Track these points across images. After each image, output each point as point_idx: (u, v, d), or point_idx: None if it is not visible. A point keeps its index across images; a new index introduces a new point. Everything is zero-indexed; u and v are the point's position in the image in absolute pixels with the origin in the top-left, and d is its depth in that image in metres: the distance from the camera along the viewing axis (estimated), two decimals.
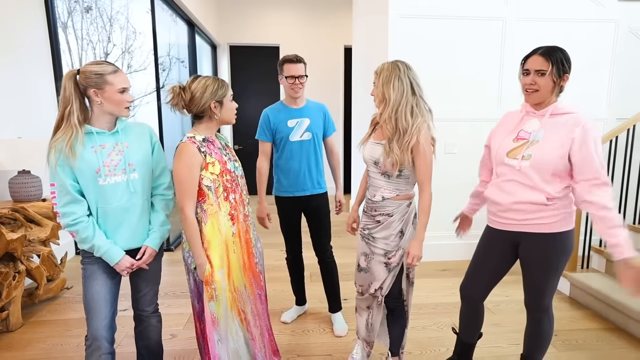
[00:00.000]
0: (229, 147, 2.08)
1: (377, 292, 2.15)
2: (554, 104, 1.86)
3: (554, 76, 1.81)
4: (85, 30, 4.81)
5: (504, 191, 1.94)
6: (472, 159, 3.93)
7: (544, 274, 1.93)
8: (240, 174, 2.06)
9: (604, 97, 4.19)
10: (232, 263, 1.95)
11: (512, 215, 1.94)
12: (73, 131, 1.70)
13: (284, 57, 2.63)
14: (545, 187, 1.83)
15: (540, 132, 1.86)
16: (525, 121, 1.94)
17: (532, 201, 1.86)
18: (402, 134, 1.95)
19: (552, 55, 1.81)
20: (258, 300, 2.09)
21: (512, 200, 1.91)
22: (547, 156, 1.81)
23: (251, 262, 2.07)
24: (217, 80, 1.92)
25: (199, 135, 1.92)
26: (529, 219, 1.89)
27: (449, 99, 4.04)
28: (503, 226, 2.00)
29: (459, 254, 4.21)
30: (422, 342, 2.71)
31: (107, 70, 1.73)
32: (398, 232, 2.07)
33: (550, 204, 1.84)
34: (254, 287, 2.07)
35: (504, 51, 4.02)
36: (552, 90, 1.84)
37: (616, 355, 2.58)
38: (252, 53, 7.47)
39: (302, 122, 2.68)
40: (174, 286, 3.56)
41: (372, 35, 4.71)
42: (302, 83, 2.63)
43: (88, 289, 1.83)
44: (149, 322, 2.05)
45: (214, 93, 1.89)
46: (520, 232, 1.94)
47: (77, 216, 1.75)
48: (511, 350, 2.60)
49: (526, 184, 1.87)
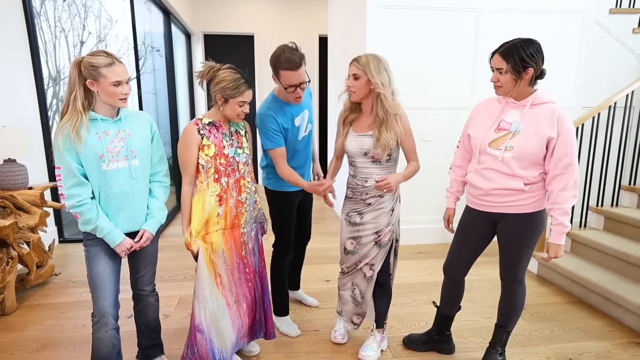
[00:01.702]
0: (238, 135, 2.15)
1: (364, 267, 2.29)
2: (533, 95, 1.97)
3: (512, 73, 1.92)
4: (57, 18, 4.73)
5: (485, 178, 2.07)
6: (446, 146, 4.08)
7: (519, 250, 2.10)
8: (242, 161, 2.14)
9: (570, 86, 4.37)
10: (214, 238, 2.08)
11: (492, 198, 2.08)
12: (78, 117, 1.75)
13: (280, 60, 2.16)
14: (523, 174, 1.97)
15: (521, 124, 1.97)
16: (506, 111, 2.05)
17: (510, 187, 2.00)
18: (387, 119, 2.13)
19: (508, 54, 1.92)
20: (236, 269, 2.17)
21: (492, 187, 2.05)
22: (528, 148, 1.94)
23: (234, 232, 2.15)
24: (236, 80, 1.99)
25: (207, 119, 2.06)
26: (508, 202, 2.04)
27: (424, 88, 4.15)
28: (483, 207, 2.14)
29: (433, 237, 4.40)
30: (403, 317, 2.87)
31: (101, 63, 1.76)
32: (389, 210, 2.24)
33: (527, 189, 1.99)
34: (234, 255, 2.15)
35: (478, 41, 4.14)
36: (514, 85, 1.95)
37: (580, 324, 2.80)
38: (227, 42, 7.42)
39: (304, 116, 2.46)
40: (162, 271, 3.62)
41: (349, 25, 4.76)
42: (304, 89, 2.29)
43: (93, 269, 1.89)
44: (148, 301, 2.15)
45: (223, 89, 2.00)
46: (499, 212, 2.09)
47: (82, 198, 1.80)
48: (485, 322, 2.79)
49: (506, 172, 2.00)
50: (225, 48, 7.43)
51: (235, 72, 2.02)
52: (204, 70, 2.05)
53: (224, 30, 7.30)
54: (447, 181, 2.39)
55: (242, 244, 2.18)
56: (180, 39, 6.88)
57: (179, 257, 3.96)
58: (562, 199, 1.93)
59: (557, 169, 1.92)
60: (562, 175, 1.92)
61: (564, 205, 1.93)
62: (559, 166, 1.92)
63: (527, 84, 1.96)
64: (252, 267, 2.25)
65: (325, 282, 3.39)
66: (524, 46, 1.90)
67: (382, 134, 2.12)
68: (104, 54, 1.78)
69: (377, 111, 2.14)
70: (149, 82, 5.53)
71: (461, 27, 4.13)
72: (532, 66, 1.91)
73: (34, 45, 3.60)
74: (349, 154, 2.28)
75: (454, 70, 4.18)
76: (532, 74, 1.93)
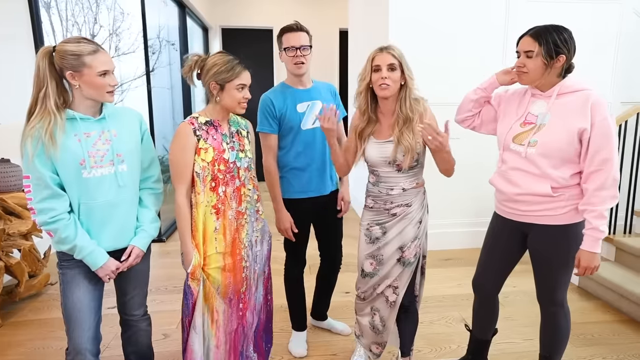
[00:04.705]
0: (239, 136, 1.89)
1: (387, 290, 2.01)
2: (560, 83, 1.73)
3: (544, 58, 1.67)
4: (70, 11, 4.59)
5: (509, 181, 1.83)
6: (475, 144, 3.83)
7: (554, 268, 1.82)
8: (244, 166, 1.88)
9: (608, 81, 4.08)
10: (212, 260, 1.80)
11: (517, 206, 1.83)
12: (51, 117, 1.49)
13: (283, 27, 2.21)
14: (553, 174, 1.70)
15: (547, 116, 1.73)
16: (532, 103, 1.80)
17: (536, 192, 1.74)
18: (411, 117, 1.87)
19: (541, 35, 1.68)
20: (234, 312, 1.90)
21: (516, 192, 1.79)
22: (554, 143, 1.68)
23: (235, 263, 1.87)
24: (229, 62, 1.75)
25: (203, 117, 1.79)
26: (535, 210, 1.78)
27: (451, 83, 3.86)
28: (509, 215, 1.89)
29: (462, 242, 4.10)
30: (431, 338, 2.58)
31: (85, 50, 1.51)
32: (417, 221, 1.96)
33: (557, 195, 1.71)
34: (230, 290, 1.87)
35: (508, 32, 3.89)
36: (543, 72, 1.71)
37: (637, 348, 2.47)
38: (245, 36, 7.25)
39: (314, 106, 2.25)
40: (167, 280, 3.37)
41: (370, 18, 4.55)
42: (306, 56, 2.18)
43: (68, 296, 1.64)
44: (138, 327, 1.87)
45: (216, 74, 1.73)
46: (527, 223, 1.82)
47: (57, 213, 1.55)
48: (526, 346, 2.48)
49: (532, 172, 1.75)
50: (244, 42, 7.27)
51: (227, 55, 1.78)
52: (190, 62, 1.78)
53: (242, 24, 7.15)
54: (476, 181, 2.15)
55: (244, 279, 1.91)
56: (197, 32, 6.75)
57: None
58: (599, 199, 1.65)
59: (593, 165, 1.65)
60: (599, 172, 1.64)
61: (600, 207, 1.65)
62: (595, 162, 1.64)
63: (556, 73, 1.72)
64: (250, 304, 1.97)
65: (345, 294, 3.11)
66: (557, 30, 1.69)
67: (405, 134, 1.85)
68: (84, 40, 1.53)
69: (400, 108, 1.88)
70: (165, 76, 5.38)
71: (490, 18, 3.88)
72: (565, 53, 1.68)
73: (38, 37, 3.43)
74: (370, 163, 2.00)
75: (483, 63, 3.89)
76: (563, 63, 1.69)
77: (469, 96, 2.02)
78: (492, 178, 1.94)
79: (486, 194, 4.14)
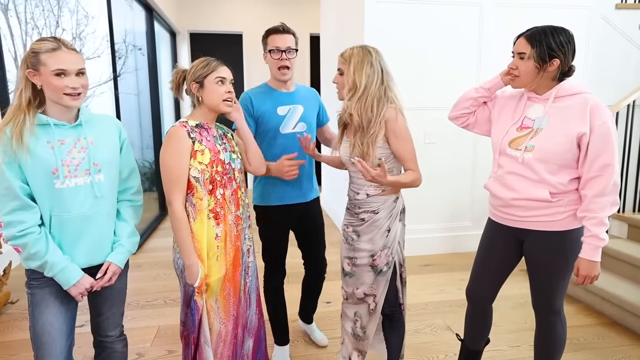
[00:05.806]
0: (227, 137, 1.82)
1: (367, 298, 1.94)
2: (557, 86, 1.68)
3: (536, 61, 1.63)
4: (29, 14, 4.37)
5: (505, 186, 1.77)
6: (452, 148, 3.87)
7: (551, 275, 1.77)
8: (237, 168, 1.80)
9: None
10: (213, 270, 1.70)
11: (513, 211, 1.77)
12: (22, 116, 1.38)
13: (269, 28, 2.15)
14: (551, 179, 1.66)
15: (544, 120, 1.68)
16: (528, 106, 1.76)
17: (534, 197, 1.69)
18: (365, 127, 1.79)
19: (535, 37, 1.64)
20: (230, 323, 1.80)
21: (512, 197, 1.74)
22: (552, 147, 1.64)
23: (235, 274, 1.80)
24: (206, 60, 1.70)
25: (193, 121, 1.71)
26: (532, 216, 1.73)
27: (426, 86, 3.88)
28: (505, 221, 1.83)
29: (439, 247, 4.08)
30: (418, 348, 2.51)
31: (42, 47, 1.40)
32: (385, 230, 1.88)
33: (555, 200, 1.68)
34: (231, 304, 1.79)
35: (482, 37, 3.90)
36: (534, 76, 1.67)
37: (623, 353, 2.47)
38: (214, 41, 7.13)
39: (295, 110, 2.20)
40: (138, 295, 3.18)
41: (344, 22, 4.51)
42: (291, 59, 2.13)
43: (37, 319, 1.50)
44: (113, 349, 1.72)
45: (194, 74, 1.68)
46: (523, 229, 1.78)
47: (27, 226, 1.42)
48: (513, 353, 2.42)
49: (529, 177, 1.70)
50: (213, 47, 7.13)
51: (204, 59, 1.74)
52: (174, 77, 1.76)
53: (211, 29, 7.02)
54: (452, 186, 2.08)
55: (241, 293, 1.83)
56: (165, 37, 6.58)
57: (159, 277, 3.45)
58: (598, 206, 1.61)
59: (592, 171, 1.61)
60: (599, 178, 1.60)
61: (600, 214, 1.60)
62: (594, 167, 1.60)
63: (550, 77, 1.67)
64: (243, 321, 1.89)
65: (326, 303, 3.00)
66: (553, 33, 1.63)
67: (357, 140, 1.80)
68: (51, 38, 1.42)
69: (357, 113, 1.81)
70: (131, 82, 5.20)
71: (464, 23, 3.88)
72: (559, 57, 1.62)
73: None
74: (343, 161, 1.98)
75: (457, 67, 3.91)
76: (558, 67, 1.64)
77: (469, 93, 1.93)
78: (487, 183, 1.88)
79: (460, 198, 4.18)
